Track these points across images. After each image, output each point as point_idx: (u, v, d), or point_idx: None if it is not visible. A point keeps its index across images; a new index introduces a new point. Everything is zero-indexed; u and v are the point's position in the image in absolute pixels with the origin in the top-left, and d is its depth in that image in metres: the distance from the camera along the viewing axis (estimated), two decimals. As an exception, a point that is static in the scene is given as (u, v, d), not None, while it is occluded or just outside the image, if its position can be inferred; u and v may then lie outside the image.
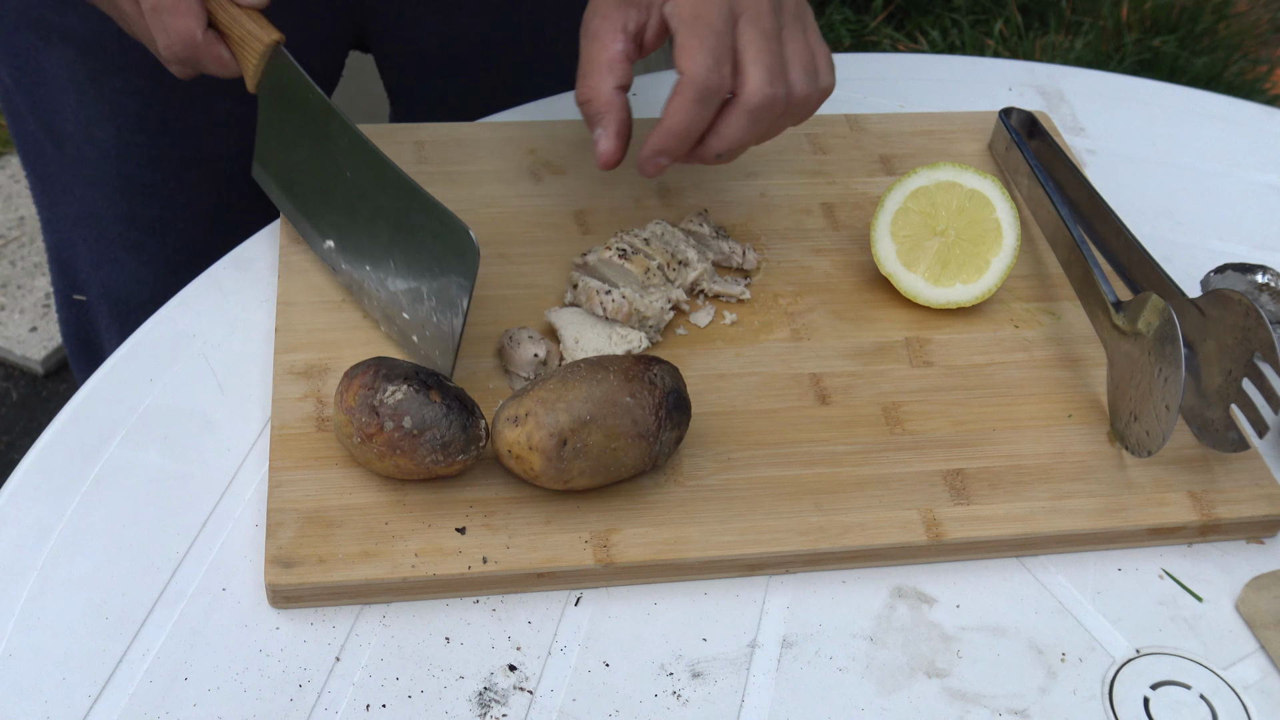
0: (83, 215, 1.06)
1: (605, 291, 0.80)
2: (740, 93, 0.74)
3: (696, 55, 0.73)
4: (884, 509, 0.73)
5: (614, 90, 0.76)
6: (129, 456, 0.74)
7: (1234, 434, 0.76)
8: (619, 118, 0.76)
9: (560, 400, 0.68)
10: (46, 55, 0.97)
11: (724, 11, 0.74)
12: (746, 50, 0.74)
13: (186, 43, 0.74)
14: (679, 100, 0.74)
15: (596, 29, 0.76)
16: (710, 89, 0.73)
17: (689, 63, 0.73)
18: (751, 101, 0.74)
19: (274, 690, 0.65)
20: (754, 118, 0.75)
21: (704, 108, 0.74)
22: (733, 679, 0.68)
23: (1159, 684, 0.70)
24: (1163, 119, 1.06)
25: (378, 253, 0.77)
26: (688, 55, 0.73)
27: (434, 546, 0.69)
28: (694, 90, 0.73)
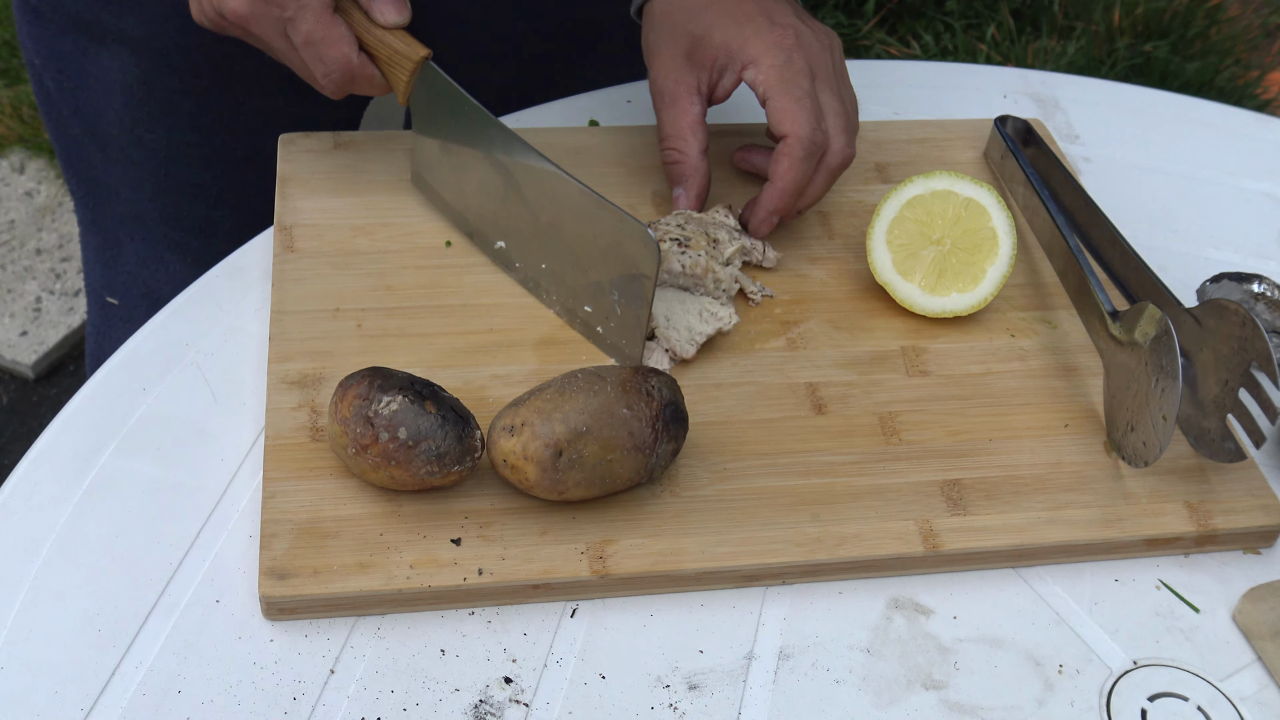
0: (128, 216, 1.07)
1: (681, 251, 0.81)
2: (827, 152, 0.82)
3: (799, 117, 0.80)
4: (880, 520, 0.73)
5: (699, 154, 0.84)
6: (122, 466, 0.74)
7: (1231, 444, 0.76)
8: (701, 182, 0.85)
9: (556, 411, 0.68)
10: (95, 58, 0.98)
11: (807, 73, 0.81)
12: (828, 114, 0.82)
13: (343, 70, 0.78)
14: (789, 160, 0.80)
15: (673, 92, 0.83)
16: (816, 146, 0.81)
17: (793, 124, 0.80)
18: (834, 162, 0.83)
19: (268, 703, 0.65)
20: (833, 176, 0.84)
21: (809, 165, 0.81)
22: (729, 691, 0.67)
23: (1156, 696, 0.69)
24: (1157, 126, 1.06)
25: (558, 251, 0.81)
26: (789, 118, 0.80)
27: (429, 558, 0.69)
28: (802, 149, 0.80)
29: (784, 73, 0.80)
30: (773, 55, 0.81)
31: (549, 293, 0.82)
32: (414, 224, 0.87)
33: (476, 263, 0.85)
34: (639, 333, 0.78)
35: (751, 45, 0.81)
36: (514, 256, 0.84)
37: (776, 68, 0.81)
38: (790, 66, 0.81)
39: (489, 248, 0.85)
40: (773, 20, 0.82)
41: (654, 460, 0.70)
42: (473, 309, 0.82)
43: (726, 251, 0.84)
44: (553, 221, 0.81)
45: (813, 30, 0.83)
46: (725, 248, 0.84)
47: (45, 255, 2.01)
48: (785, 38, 0.81)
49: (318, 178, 0.89)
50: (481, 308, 0.82)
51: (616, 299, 0.79)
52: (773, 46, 0.81)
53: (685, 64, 0.83)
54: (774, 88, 0.80)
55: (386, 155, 0.91)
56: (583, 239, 0.79)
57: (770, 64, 0.81)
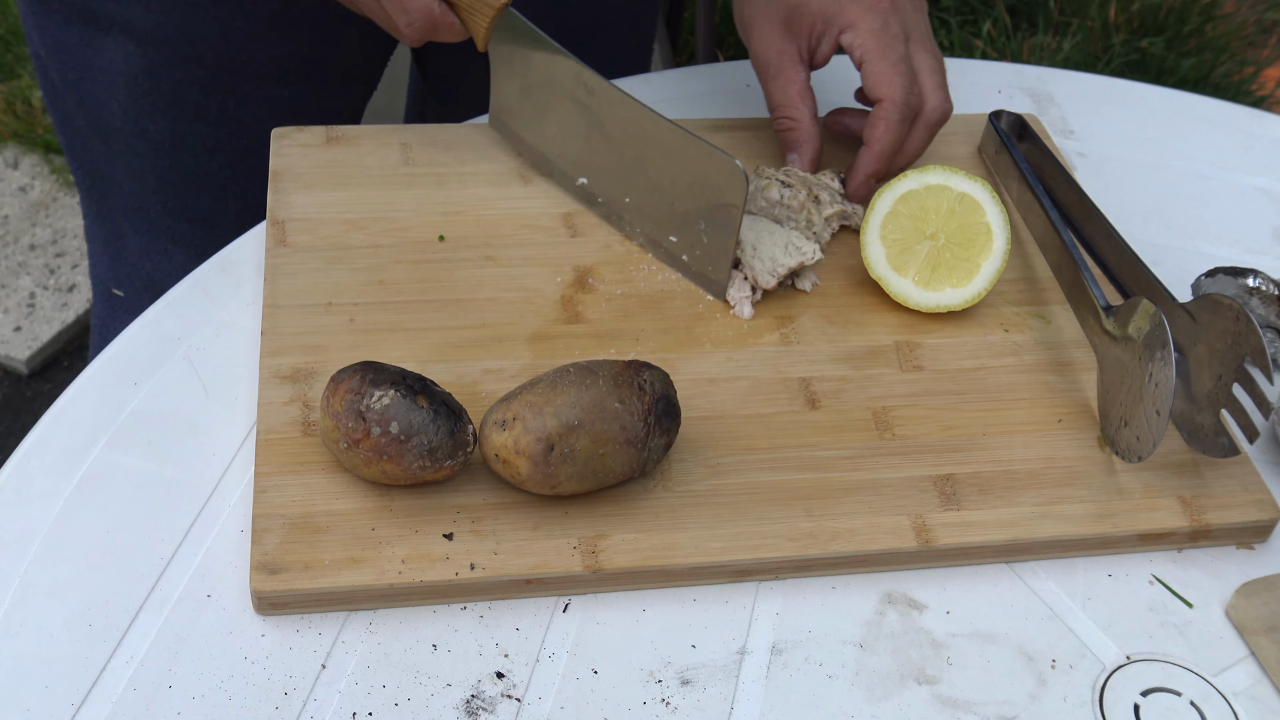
0: (131, 208, 1.06)
1: (785, 185, 0.86)
2: (923, 110, 0.85)
3: (894, 81, 0.82)
4: (874, 514, 0.73)
5: (811, 120, 0.86)
6: (113, 461, 0.74)
7: (1224, 439, 0.76)
8: (815, 146, 0.87)
9: (548, 405, 0.68)
10: (99, 49, 0.97)
11: (902, 37, 0.83)
12: (923, 72, 0.84)
13: (425, 18, 0.80)
14: (885, 124, 0.83)
15: (777, 62, 0.86)
16: (910, 109, 0.83)
17: (888, 88, 0.83)
18: (933, 118, 0.85)
19: (259, 698, 0.65)
20: (932, 131, 0.86)
21: (905, 127, 0.84)
22: (722, 686, 0.67)
23: (1149, 691, 0.69)
24: (1152, 122, 1.06)
25: (642, 185, 0.84)
26: (885, 82, 0.83)
27: (421, 553, 0.69)
28: (898, 112, 0.83)
29: (880, 37, 0.83)
30: (869, 19, 0.83)
31: (632, 225, 0.86)
32: (407, 218, 0.87)
33: (470, 257, 0.85)
34: (726, 260, 0.82)
35: (848, 10, 0.83)
36: (596, 191, 0.87)
37: (873, 32, 0.83)
38: (887, 31, 0.83)
39: (570, 185, 0.89)
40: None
41: (646, 454, 0.70)
42: (465, 303, 0.82)
43: (826, 211, 0.87)
44: (638, 156, 0.84)
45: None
46: (825, 208, 0.87)
47: (39, 251, 2.01)
48: (880, 1, 0.83)
49: (310, 172, 0.89)
50: (474, 302, 0.82)
51: (703, 228, 0.82)
52: (869, 10, 0.83)
53: (784, 33, 0.85)
54: (870, 51, 0.83)
55: (380, 149, 0.91)
56: (668, 172, 0.82)
57: (867, 28, 0.83)
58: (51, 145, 2.12)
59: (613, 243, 0.87)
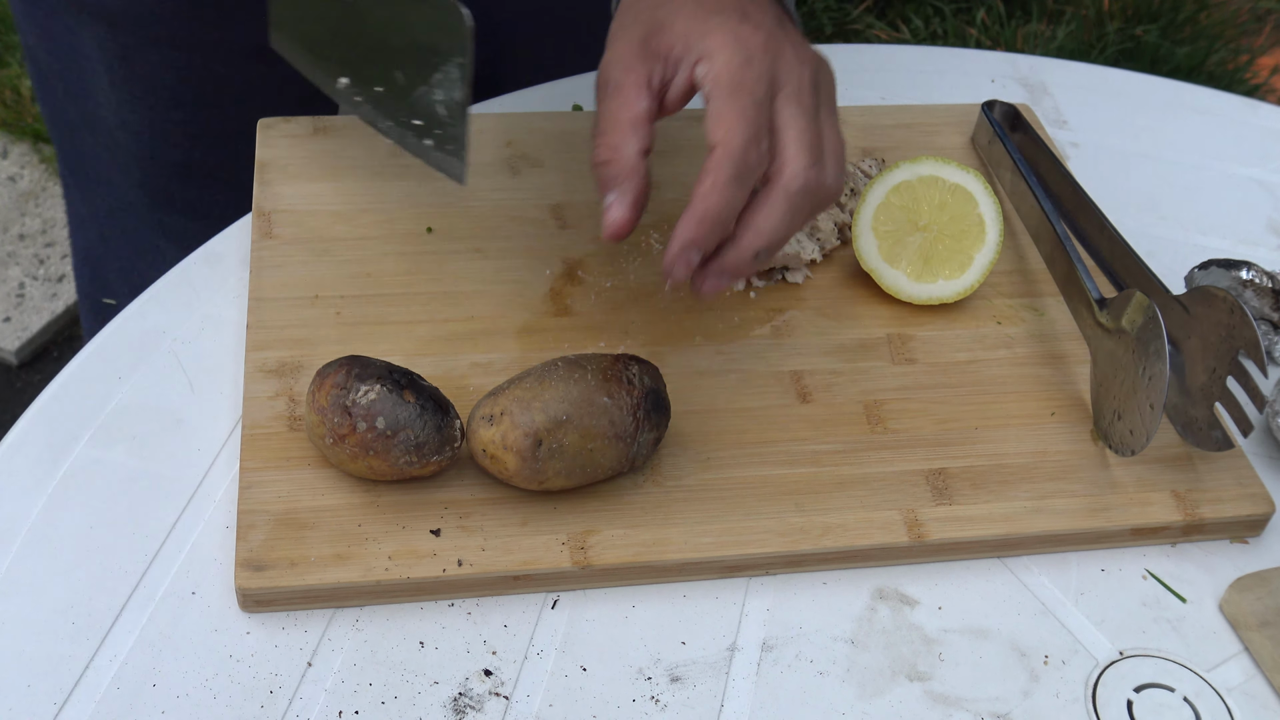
0: (118, 207, 1.04)
1: None
2: (779, 175, 0.66)
3: (734, 126, 0.65)
4: (865, 509, 0.72)
5: (637, 154, 0.68)
6: (97, 456, 0.73)
7: (1218, 433, 0.75)
8: (637, 186, 0.68)
9: (536, 400, 0.67)
10: (80, 35, 0.95)
11: (765, 81, 0.67)
12: (787, 128, 0.67)
13: None
14: (712, 179, 0.65)
15: (619, 81, 0.69)
16: (748, 165, 0.65)
17: (724, 133, 0.65)
18: (793, 185, 0.66)
19: (244, 696, 0.64)
20: (793, 204, 0.67)
21: (739, 187, 0.65)
22: (712, 683, 0.67)
23: (1142, 686, 0.69)
24: (1146, 112, 1.06)
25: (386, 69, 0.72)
26: (723, 125, 0.65)
27: (408, 549, 0.68)
28: (730, 165, 0.65)
29: (737, 73, 0.66)
30: (730, 51, 0.67)
31: (385, 119, 0.73)
32: (394, 210, 0.86)
33: (458, 249, 0.84)
34: (461, 132, 0.69)
35: (713, 37, 0.67)
36: (354, 89, 0.75)
37: (730, 65, 0.66)
38: (747, 68, 0.66)
39: (334, 90, 0.76)
40: (746, 15, 0.68)
41: (635, 449, 0.69)
42: (453, 296, 0.81)
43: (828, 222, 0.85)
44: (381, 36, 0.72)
45: (794, 45, 0.69)
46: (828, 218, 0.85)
47: (29, 240, 1.99)
48: (754, 34, 0.67)
49: (297, 163, 0.88)
50: (462, 295, 0.81)
51: (439, 99, 0.69)
52: (735, 41, 0.67)
53: (640, 51, 0.69)
54: (719, 86, 0.66)
55: (367, 141, 0.90)
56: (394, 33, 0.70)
57: (725, 60, 0.66)
58: (40, 134, 2.11)
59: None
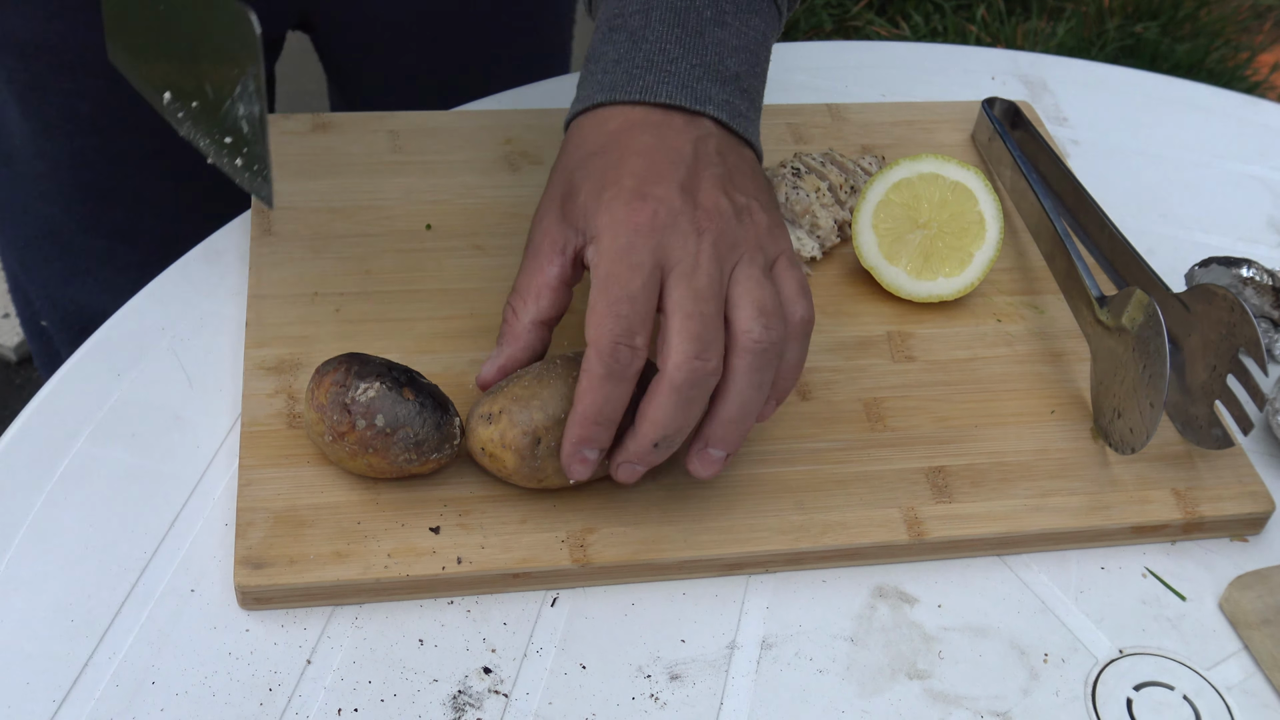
0: (42, 235, 1.03)
1: (794, 188, 0.83)
2: (664, 367, 0.63)
3: (602, 323, 0.63)
4: (865, 507, 0.72)
5: (530, 323, 0.69)
6: (95, 453, 0.73)
7: (1218, 431, 0.75)
8: (516, 355, 0.69)
9: (535, 398, 0.67)
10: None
11: (645, 269, 0.64)
12: (673, 314, 0.64)
13: None
14: (586, 376, 0.64)
15: (537, 244, 0.68)
16: (618, 362, 0.63)
17: (594, 331, 0.63)
18: (676, 378, 0.63)
19: (243, 694, 0.64)
20: (681, 396, 0.63)
21: (614, 384, 0.64)
22: (711, 681, 0.67)
23: (1142, 685, 0.69)
24: (1146, 109, 1.06)
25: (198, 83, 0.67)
26: (593, 322, 0.63)
27: (407, 547, 0.68)
28: (600, 365, 0.63)
29: (616, 262, 0.63)
30: (613, 236, 0.64)
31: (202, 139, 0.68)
32: (393, 207, 0.86)
33: (457, 246, 0.84)
34: (263, 151, 0.65)
35: (600, 217, 0.65)
36: (176, 105, 0.69)
37: (610, 253, 0.64)
38: (628, 254, 0.63)
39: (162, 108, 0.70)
40: (640, 189, 0.65)
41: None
42: (453, 293, 0.81)
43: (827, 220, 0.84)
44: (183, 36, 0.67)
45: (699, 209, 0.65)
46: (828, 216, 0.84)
47: (27, 237, 1.99)
48: (638, 213, 0.64)
49: (296, 160, 0.88)
50: (462, 292, 0.81)
51: (242, 114, 0.65)
52: (619, 224, 0.64)
53: (557, 214, 0.68)
54: (596, 278, 0.64)
55: (366, 137, 0.90)
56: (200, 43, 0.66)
57: (607, 246, 0.64)
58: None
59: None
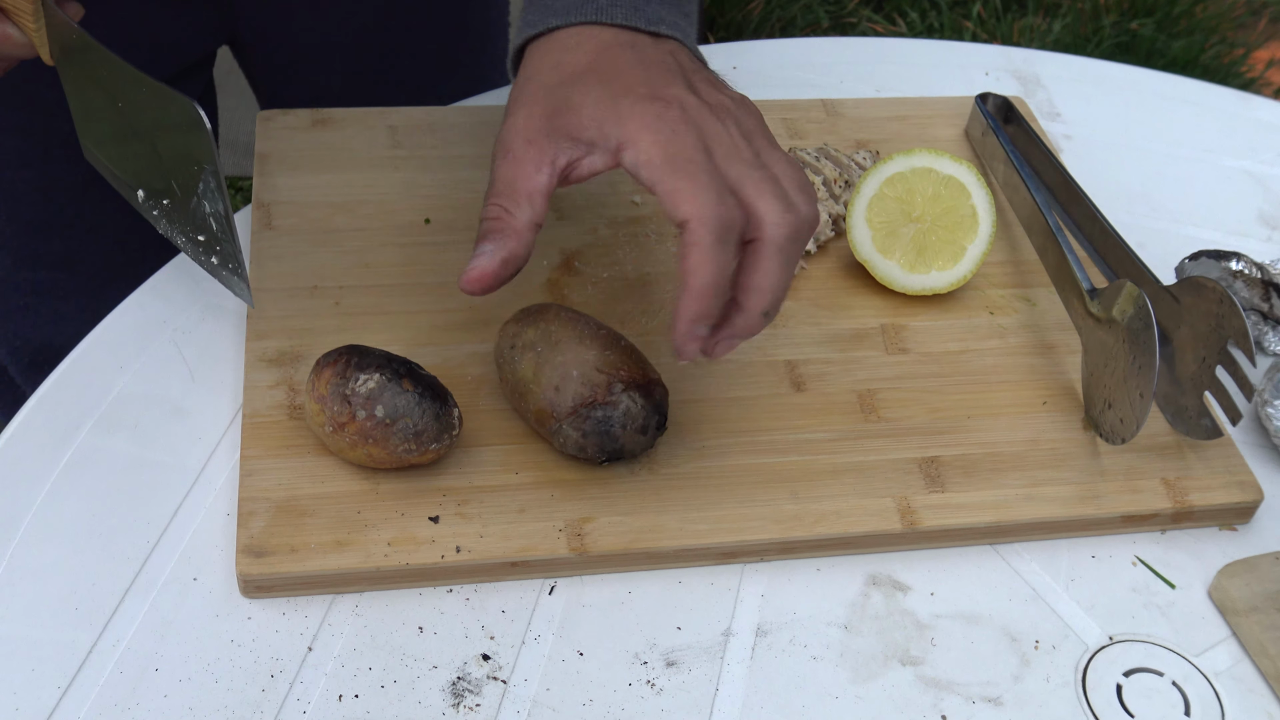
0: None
1: None
2: (760, 231, 0.64)
3: (697, 194, 0.63)
4: (859, 497, 0.73)
5: (527, 223, 0.67)
6: (99, 444, 0.74)
7: (1208, 421, 0.76)
8: (515, 247, 0.67)
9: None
10: None
11: (700, 148, 0.65)
12: (743, 185, 0.65)
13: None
14: (697, 249, 0.63)
15: (520, 152, 0.67)
16: (726, 224, 0.63)
17: (692, 204, 0.63)
18: (778, 237, 0.64)
19: (246, 680, 0.65)
20: (785, 254, 0.65)
21: (725, 248, 0.64)
22: (707, 668, 0.68)
23: (1132, 671, 0.70)
24: (1139, 104, 1.06)
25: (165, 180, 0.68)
26: (686, 198, 0.63)
27: (407, 536, 0.69)
28: (710, 230, 0.63)
29: (669, 148, 0.64)
30: (653, 132, 0.65)
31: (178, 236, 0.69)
32: (392, 201, 0.86)
33: (456, 240, 0.85)
34: (235, 249, 0.66)
35: (629, 122, 0.65)
36: (150, 203, 0.70)
37: (659, 144, 0.64)
38: (676, 140, 0.65)
39: (138, 205, 0.71)
40: (654, 92, 0.66)
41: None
42: (452, 286, 0.81)
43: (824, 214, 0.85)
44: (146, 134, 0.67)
45: (710, 105, 0.67)
46: (825, 209, 0.85)
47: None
48: (668, 110, 0.66)
49: (295, 155, 0.88)
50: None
51: (209, 212, 0.65)
52: (654, 121, 0.65)
53: (544, 126, 0.67)
54: (659, 168, 0.64)
55: (366, 132, 0.91)
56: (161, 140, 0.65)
57: (651, 141, 0.65)
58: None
59: (599, 226, 0.87)
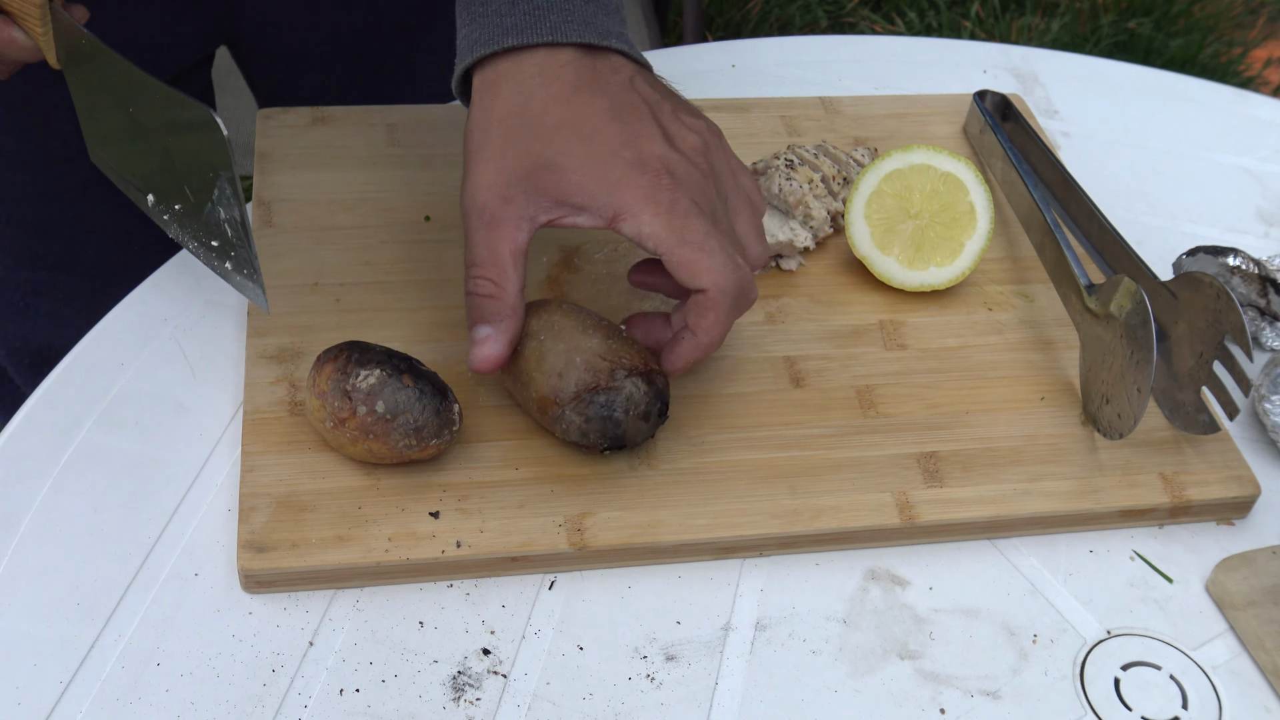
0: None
1: (788, 179, 0.85)
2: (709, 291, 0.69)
3: (714, 266, 0.68)
4: (857, 492, 0.74)
5: (518, 294, 0.70)
6: (100, 441, 0.74)
7: (1205, 416, 0.77)
8: (516, 326, 0.70)
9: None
10: None
11: (697, 213, 0.68)
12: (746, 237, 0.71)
13: None
14: (715, 313, 0.69)
15: (496, 213, 0.69)
16: (741, 290, 0.69)
17: (709, 275, 0.68)
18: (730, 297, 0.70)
19: (247, 675, 0.65)
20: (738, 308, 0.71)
21: (737, 313, 0.71)
22: (706, 662, 0.68)
23: (1129, 665, 0.70)
24: (1136, 102, 1.07)
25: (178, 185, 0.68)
26: (704, 270, 0.68)
27: (407, 531, 0.69)
28: (728, 296, 0.69)
29: (672, 221, 0.67)
30: (653, 204, 0.67)
31: (190, 241, 0.69)
32: (392, 199, 0.87)
33: (455, 237, 0.85)
34: (250, 254, 0.66)
35: (624, 193, 0.67)
36: (161, 208, 0.70)
37: (661, 217, 0.67)
38: (676, 210, 0.67)
39: (148, 209, 0.71)
40: (640, 158, 0.68)
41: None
42: (452, 283, 0.82)
43: (820, 211, 0.85)
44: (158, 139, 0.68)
45: (687, 157, 0.69)
46: (821, 207, 0.85)
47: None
48: (660, 181, 0.67)
49: (296, 153, 0.89)
50: (459, 282, 0.81)
51: (224, 218, 0.66)
52: (650, 194, 0.67)
53: (522, 187, 0.68)
54: (667, 241, 0.68)
55: (366, 130, 0.91)
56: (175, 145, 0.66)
57: (653, 215, 0.67)
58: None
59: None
